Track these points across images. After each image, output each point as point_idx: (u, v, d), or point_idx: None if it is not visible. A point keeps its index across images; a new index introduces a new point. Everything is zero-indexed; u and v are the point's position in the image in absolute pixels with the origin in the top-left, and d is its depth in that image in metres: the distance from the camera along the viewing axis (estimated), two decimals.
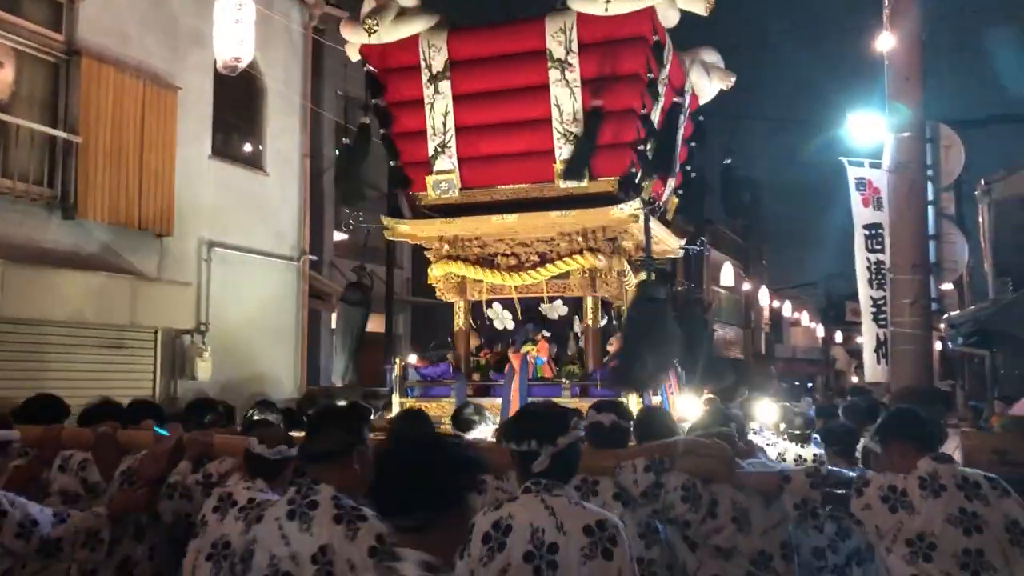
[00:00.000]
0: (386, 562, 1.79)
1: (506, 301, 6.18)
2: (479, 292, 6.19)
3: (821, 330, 40.18)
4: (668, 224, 6.64)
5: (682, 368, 6.18)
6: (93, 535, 3.22)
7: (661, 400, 5.85)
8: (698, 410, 5.53)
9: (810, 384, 36.06)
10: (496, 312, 6.20)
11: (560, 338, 6.08)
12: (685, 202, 6.73)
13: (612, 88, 5.49)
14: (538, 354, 5.82)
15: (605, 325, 6.10)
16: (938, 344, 11.50)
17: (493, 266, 6.02)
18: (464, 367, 6.12)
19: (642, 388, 5.32)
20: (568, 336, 6.11)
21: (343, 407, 3.29)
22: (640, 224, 5.64)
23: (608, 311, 6.27)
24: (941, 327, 12.37)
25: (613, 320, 6.35)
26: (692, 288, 7.83)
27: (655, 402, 5.59)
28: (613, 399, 4.38)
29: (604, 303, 6.10)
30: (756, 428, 6.29)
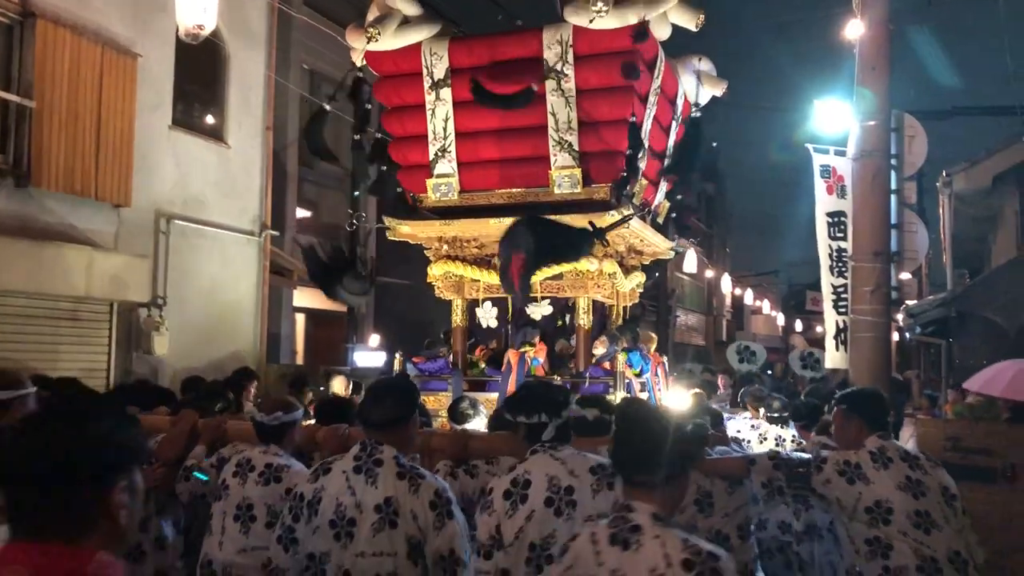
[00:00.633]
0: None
1: (498, 300, 6.46)
2: (476, 291, 6.48)
3: (782, 318, 40.63)
4: (659, 228, 6.93)
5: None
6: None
7: (648, 394, 6.30)
8: (685, 404, 6.14)
9: (769, 372, 36.41)
10: (485, 311, 6.49)
11: (549, 337, 6.47)
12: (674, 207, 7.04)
13: (605, 98, 5.80)
14: (535, 355, 6.18)
15: (593, 325, 6.44)
16: (895, 333, 11.66)
17: (490, 266, 6.30)
18: (460, 363, 6.43)
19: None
20: (557, 334, 6.54)
21: (400, 383, 3.67)
22: (631, 229, 5.97)
23: (599, 313, 6.64)
24: (899, 317, 12.54)
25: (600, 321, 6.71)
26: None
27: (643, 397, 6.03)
28: (597, 395, 4.69)
29: (595, 304, 6.43)
30: (746, 415, 6.94)
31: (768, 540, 5.05)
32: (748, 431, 6.41)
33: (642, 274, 7.12)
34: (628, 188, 5.93)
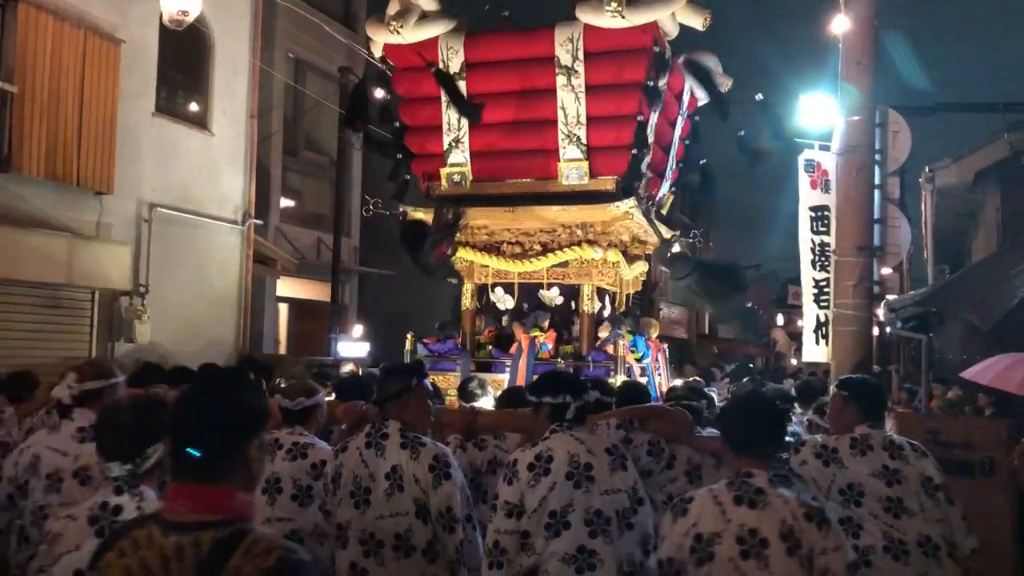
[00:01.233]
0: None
1: (507, 286, 6.79)
2: (485, 276, 6.78)
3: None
4: (664, 219, 7.17)
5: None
6: None
7: (647, 379, 6.54)
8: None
9: (751, 365, 36.66)
10: (499, 296, 6.83)
11: (559, 322, 6.75)
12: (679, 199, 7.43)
13: (615, 94, 6.09)
14: (545, 340, 6.48)
15: (599, 311, 6.74)
16: (876, 328, 11.73)
17: (499, 253, 6.62)
18: (469, 344, 6.73)
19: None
20: (568, 319, 6.77)
21: (398, 364, 4.27)
22: (635, 220, 6.30)
23: (602, 299, 6.89)
24: (879, 312, 12.61)
25: (605, 308, 6.97)
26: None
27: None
28: (599, 378, 4.91)
29: (599, 291, 6.71)
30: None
31: None
32: None
33: (644, 263, 7.39)
34: (637, 185, 6.22)
